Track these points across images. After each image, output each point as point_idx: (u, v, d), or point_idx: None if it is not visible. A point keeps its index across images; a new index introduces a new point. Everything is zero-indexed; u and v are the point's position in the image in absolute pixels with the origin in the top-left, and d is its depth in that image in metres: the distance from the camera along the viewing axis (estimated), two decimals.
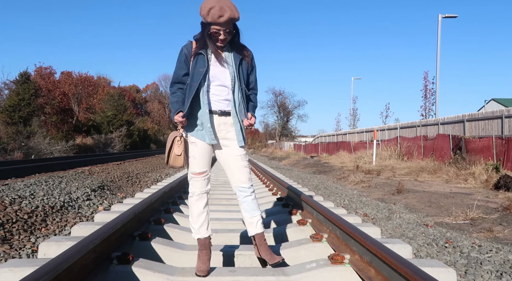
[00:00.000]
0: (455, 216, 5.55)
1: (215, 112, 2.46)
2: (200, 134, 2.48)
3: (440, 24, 19.53)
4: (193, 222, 2.55)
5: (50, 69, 37.80)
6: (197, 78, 2.40)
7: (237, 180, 2.57)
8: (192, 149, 2.51)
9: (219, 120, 2.48)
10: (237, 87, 2.49)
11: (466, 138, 12.70)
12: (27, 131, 20.50)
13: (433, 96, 25.12)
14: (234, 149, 2.53)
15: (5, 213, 4.28)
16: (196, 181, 2.52)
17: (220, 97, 2.47)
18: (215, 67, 2.45)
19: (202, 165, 2.52)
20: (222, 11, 2.22)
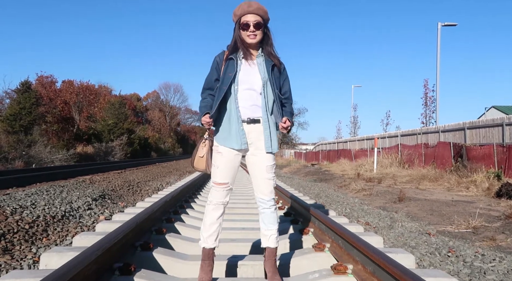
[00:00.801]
0: (457, 225, 5.53)
1: (244, 120, 2.45)
2: (228, 143, 2.47)
3: (440, 32, 19.64)
4: (204, 230, 2.54)
5: (51, 78, 38.00)
6: (227, 82, 2.45)
7: (259, 191, 2.55)
8: (217, 158, 2.51)
9: (248, 128, 2.46)
10: (270, 91, 2.49)
11: (467, 145, 12.70)
12: (28, 140, 20.53)
13: (433, 103, 25.18)
14: (261, 159, 2.50)
15: (6, 223, 4.27)
16: (215, 190, 2.52)
17: (249, 103, 2.46)
18: (245, 71, 2.48)
19: (224, 176, 2.49)
20: (250, 3, 2.41)
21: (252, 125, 2.46)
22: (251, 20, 2.40)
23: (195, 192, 7.30)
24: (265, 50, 2.52)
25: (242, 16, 2.41)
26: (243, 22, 2.41)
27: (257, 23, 2.40)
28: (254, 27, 2.40)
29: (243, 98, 2.46)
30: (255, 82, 2.47)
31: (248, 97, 2.46)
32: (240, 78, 2.46)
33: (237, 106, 2.45)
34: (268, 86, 2.48)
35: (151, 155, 46.42)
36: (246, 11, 2.39)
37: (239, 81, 2.45)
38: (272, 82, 2.49)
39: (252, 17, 2.40)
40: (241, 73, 2.46)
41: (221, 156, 2.49)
